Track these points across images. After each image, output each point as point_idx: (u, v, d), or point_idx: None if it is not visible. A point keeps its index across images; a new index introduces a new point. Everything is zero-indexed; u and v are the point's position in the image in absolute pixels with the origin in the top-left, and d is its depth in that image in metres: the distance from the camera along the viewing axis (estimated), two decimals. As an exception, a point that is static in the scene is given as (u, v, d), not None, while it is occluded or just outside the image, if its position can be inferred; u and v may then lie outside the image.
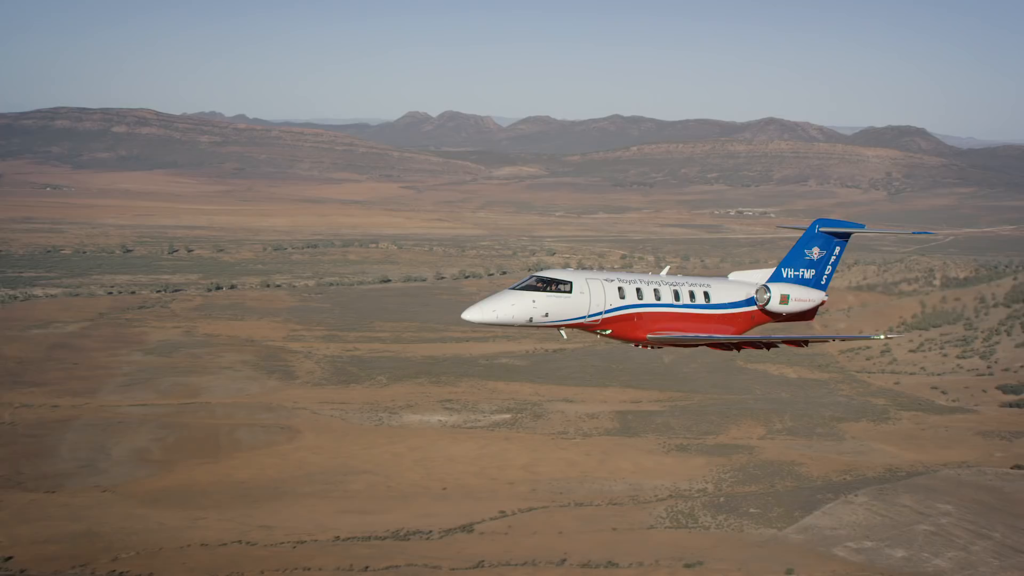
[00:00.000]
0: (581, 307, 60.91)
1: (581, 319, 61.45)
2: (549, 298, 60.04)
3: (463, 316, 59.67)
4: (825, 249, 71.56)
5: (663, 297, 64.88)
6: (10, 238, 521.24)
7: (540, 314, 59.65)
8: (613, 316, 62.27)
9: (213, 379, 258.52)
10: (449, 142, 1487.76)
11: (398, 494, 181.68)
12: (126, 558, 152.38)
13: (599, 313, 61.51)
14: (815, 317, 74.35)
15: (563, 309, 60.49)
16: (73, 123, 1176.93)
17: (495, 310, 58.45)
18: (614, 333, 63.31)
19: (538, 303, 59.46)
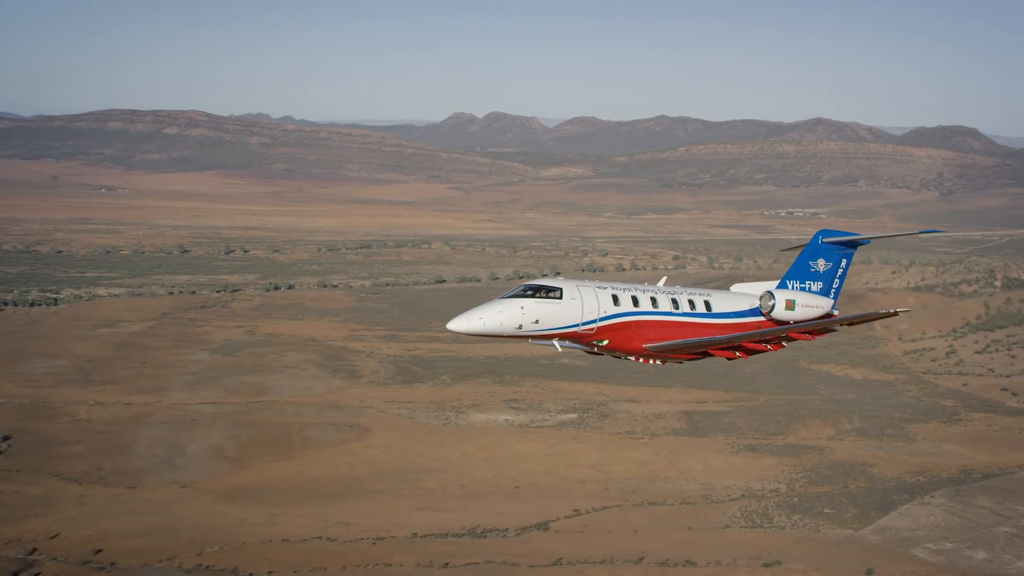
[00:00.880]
0: (573, 314, 58.24)
1: (574, 327, 58.61)
2: (538, 304, 57.36)
3: (448, 326, 55.89)
4: (831, 261, 67.76)
5: (661, 305, 62.35)
6: (70, 239, 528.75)
7: (530, 321, 56.71)
8: (608, 324, 59.72)
9: (279, 378, 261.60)
10: (495, 143, 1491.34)
11: (471, 492, 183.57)
12: (210, 552, 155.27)
13: (593, 321, 58.95)
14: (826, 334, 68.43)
15: (554, 316, 57.68)
16: (125, 125, 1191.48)
17: (482, 318, 55.63)
18: (611, 344, 60.82)
19: (527, 310, 56.81)
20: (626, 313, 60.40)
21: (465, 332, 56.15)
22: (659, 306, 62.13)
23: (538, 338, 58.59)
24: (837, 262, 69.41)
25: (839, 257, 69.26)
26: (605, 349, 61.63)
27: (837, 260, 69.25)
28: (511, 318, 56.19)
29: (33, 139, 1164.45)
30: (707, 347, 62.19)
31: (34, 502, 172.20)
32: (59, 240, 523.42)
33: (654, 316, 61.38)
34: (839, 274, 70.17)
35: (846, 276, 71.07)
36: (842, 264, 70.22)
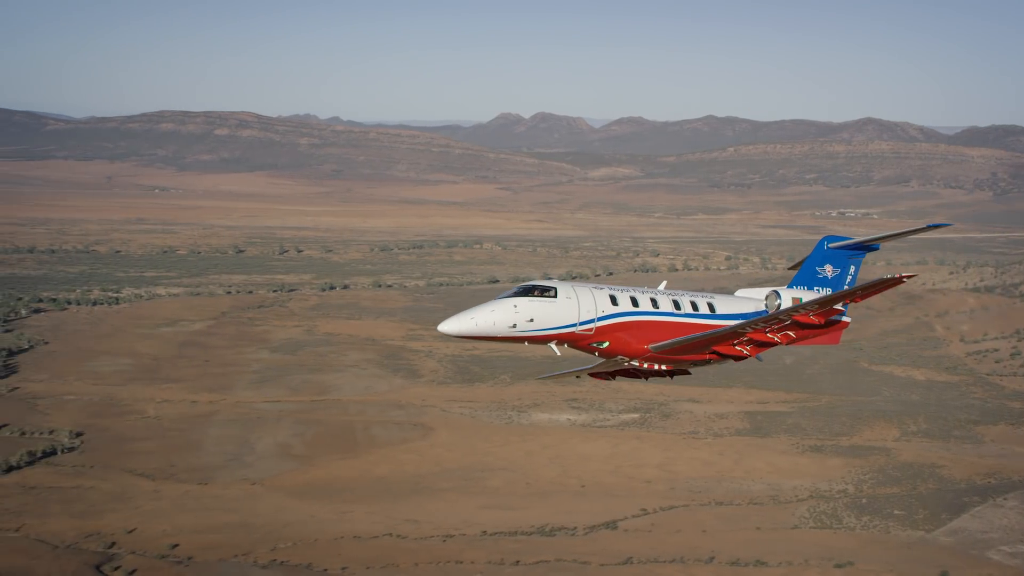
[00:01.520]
0: (570, 313, 55.79)
1: (571, 327, 56.04)
2: (532, 303, 55.01)
3: (440, 328, 54.09)
4: (839, 267, 65.21)
5: (662, 306, 59.39)
6: (127, 239, 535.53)
7: (524, 319, 54.36)
8: (608, 325, 56.77)
9: (340, 377, 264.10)
10: (542, 143, 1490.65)
11: (537, 491, 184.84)
12: (284, 548, 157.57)
13: (591, 321, 56.15)
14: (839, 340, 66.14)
15: (549, 315, 55.35)
16: (177, 126, 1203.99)
17: (474, 318, 53.62)
18: (612, 346, 57.57)
19: (521, 308, 54.56)
20: (625, 313, 57.85)
21: (457, 334, 53.98)
22: (660, 307, 59.42)
23: (535, 340, 56.21)
24: (845, 267, 66.13)
25: (847, 263, 66.09)
26: (606, 353, 58.43)
27: (845, 265, 66.01)
28: (504, 317, 54.26)
29: (87, 141, 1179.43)
30: (712, 341, 57.77)
31: (110, 497, 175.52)
32: (117, 240, 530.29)
33: (655, 316, 58.64)
34: (848, 280, 66.97)
35: (856, 281, 67.80)
36: (851, 270, 66.71)
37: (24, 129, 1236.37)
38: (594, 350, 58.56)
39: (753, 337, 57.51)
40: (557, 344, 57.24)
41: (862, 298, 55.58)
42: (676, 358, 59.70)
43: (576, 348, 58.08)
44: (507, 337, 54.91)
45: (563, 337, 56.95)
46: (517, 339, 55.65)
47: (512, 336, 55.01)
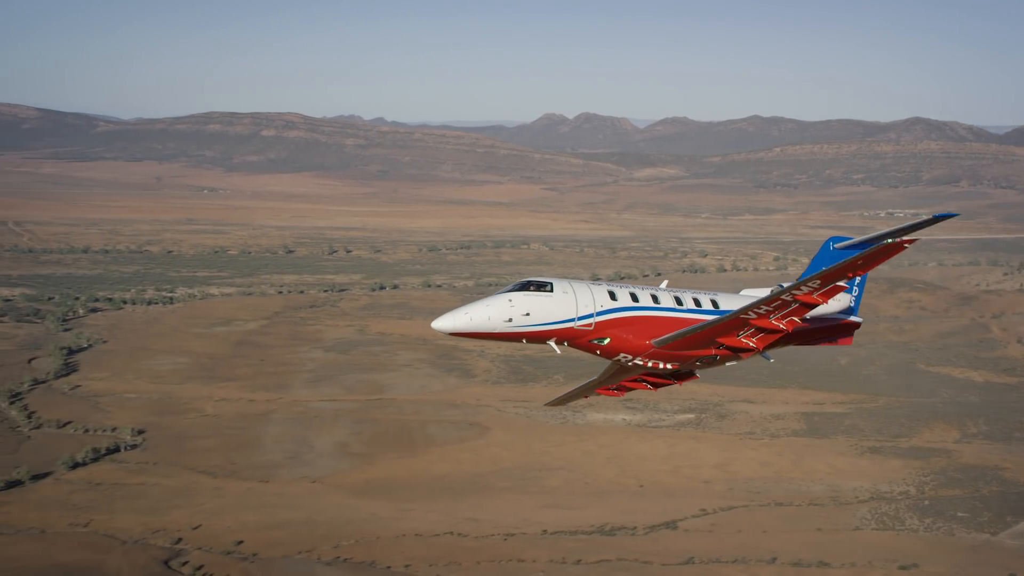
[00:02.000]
0: (567, 308, 53.81)
1: (570, 322, 53.74)
2: (528, 297, 53.18)
3: (433, 325, 52.20)
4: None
5: (663, 302, 57.35)
6: (179, 239, 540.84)
7: (520, 313, 52.48)
8: (607, 320, 54.74)
9: (394, 376, 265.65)
10: (586, 143, 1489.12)
11: (596, 490, 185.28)
12: (347, 546, 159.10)
13: (589, 316, 54.12)
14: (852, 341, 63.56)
15: (546, 310, 53.39)
16: (224, 127, 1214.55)
17: (468, 313, 51.90)
18: (613, 343, 55.24)
19: (516, 302, 52.68)
20: (625, 308, 55.77)
21: (451, 330, 51.88)
22: (661, 303, 57.23)
23: (533, 337, 53.61)
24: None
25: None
26: (608, 351, 55.72)
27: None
28: (499, 312, 52.29)
29: (135, 142, 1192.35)
30: (716, 332, 55.25)
31: (174, 494, 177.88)
32: (168, 240, 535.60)
33: (657, 312, 56.45)
34: (857, 281, 65.42)
35: (865, 283, 65.89)
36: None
37: (75, 131, 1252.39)
38: (595, 348, 55.61)
39: (758, 324, 54.54)
40: (557, 342, 54.31)
41: (864, 270, 52.29)
42: (680, 354, 56.82)
43: (576, 347, 55.18)
44: (504, 334, 52.86)
45: (562, 334, 54.19)
46: (514, 336, 53.31)
47: (509, 333, 52.90)
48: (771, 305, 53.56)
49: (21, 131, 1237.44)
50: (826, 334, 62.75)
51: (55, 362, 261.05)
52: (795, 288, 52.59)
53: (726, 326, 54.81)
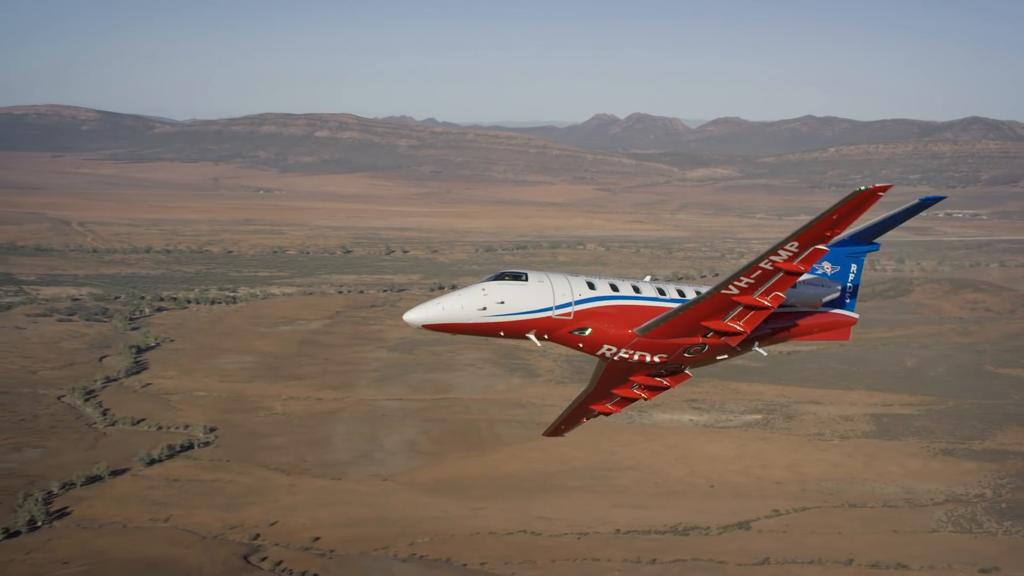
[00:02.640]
0: (543, 296, 51.97)
1: (547, 311, 51.90)
2: (502, 286, 51.56)
3: (405, 318, 50.59)
4: (837, 264, 59.38)
5: (645, 292, 55.30)
6: (238, 239, 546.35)
7: (494, 301, 50.90)
8: (587, 309, 52.83)
9: (459, 376, 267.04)
10: (637, 144, 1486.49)
11: (666, 490, 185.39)
12: (422, 543, 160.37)
13: (568, 305, 52.24)
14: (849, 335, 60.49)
15: (521, 298, 51.70)
16: (279, 128, 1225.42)
17: (440, 304, 50.57)
18: (594, 334, 53.24)
19: (490, 291, 51.13)
20: (606, 297, 53.71)
21: (423, 323, 50.08)
22: (643, 292, 55.11)
23: (510, 329, 51.60)
24: (845, 266, 62.28)
25: (847, 261, 61.98)
26: (590, 343, 53.40)
27: (845, 264, 62.46)
28: (473, 300, 50.82)
29: (191, 143, 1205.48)
30: (699, 314, 52.69)
31: (249, 490, 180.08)
32: (228, 240, 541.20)
33: (638, 301, 54.32)
34: (851, 278, 63.68)
35: (860, 278, 63.94)
36: (852, 268, 63.10)
37: (133, 132, 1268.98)
38: (576, 341, 53.31)
39: (742, 301, 51.63)
40: (537, 335, 52.13)
41: (842, 225, 48.73)
42: (666, 343, 54.17)
43: (558, 340, 53.12)
44: (479, 325, 51.05)
45: (540, 324, 52.03)
46: (491, 328, 51.36)
47: (484, 324, 51.08)
48: (752, 276, 50.83)
49: (80, 133, 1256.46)
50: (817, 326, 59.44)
51: (125, 360, 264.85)
52: (773, 253, 49.87)
53: (709, 305, 52.29)
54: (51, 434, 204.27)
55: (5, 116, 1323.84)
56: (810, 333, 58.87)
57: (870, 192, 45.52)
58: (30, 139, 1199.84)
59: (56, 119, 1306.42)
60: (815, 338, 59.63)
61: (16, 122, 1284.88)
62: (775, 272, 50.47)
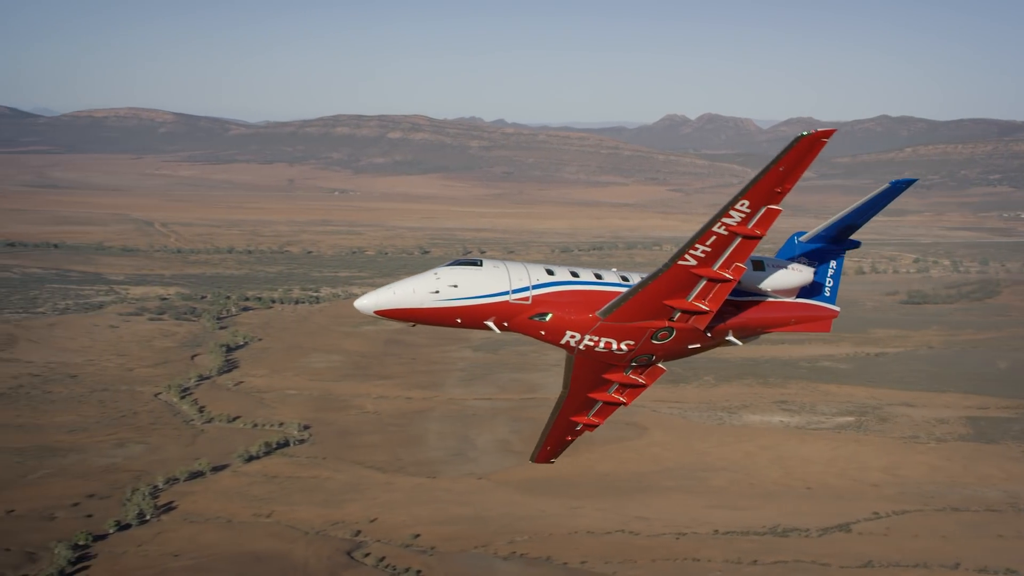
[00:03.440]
0: (499, 281, 50.28)
1: (503, 296, 50.05)
2: (455, 270, 49.76)
3: (356, 305, 49.34)
4: (816, 260, 61.40)
5: (607, 278, 53.46)
6: (317, 239, 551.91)
7: (447, 285, 48.93)
8: (545, 294, 50.97)
9: (545, 376, 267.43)
10: (708, 144, 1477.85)
11: (762, 491, 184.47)
12: (521, 541, 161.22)
13: (525, 289, 50.47)
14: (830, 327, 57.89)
15: (476, 283, 49.87)
16: (352, 130, 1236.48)
17: (392, 288, 48.83)
18: (555, 320, 51.23)
19: (443, 275, 49.21)
20: (565, 283, 52.11)
21: (375, 308, 48.52)
22: (605, 279, 53.22)
23: (467, 315, 49.61)
24: (825, 263, 60.94)
25: (826, 257, 60.86)
26: (551, 329, 51.46)
27: (824, 260, 60.88)
28: (425, 284, 48.84)
29: (266, 144, 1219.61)
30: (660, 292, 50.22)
31: (347, 487, 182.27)
32: (307, 241, 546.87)
33: (599, 287, 52.31)
34: (830, 273, 61.00)
35: (840, 275, 61.30)
36: (831, 264, 61.11)
37: (209, 134, 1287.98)
38: (538, 328, 51.19)
39: (702, 273, 49.15)
40: (496, 323, 50.20)
41: (791, 178, 46.00)
42: (630, 326, 51.87)
43: (518, 328, 51.04)
44: (433, 311, 48.93)
45: (498, 310, 50.18)
46: (446, 314, 49.26)
47: (438, 309, 48.95)
48: (707, 243, 48.40)
49: (158, 135, 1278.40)
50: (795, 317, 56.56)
51: (216, 359, 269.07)
52: (724, 215, 47.29)
53: (669, 280, 49.85)
54: (151, 430, 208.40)
55: (86, 119, 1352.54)
56: (787, 323, 56.53)
57: (813, 138, 43.70)
58: (110, 141, 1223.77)
59: (135, 122, 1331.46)
60: (794, 329, 57.22)
61: (97, 125, 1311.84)
62: (731, 238, 48.33)
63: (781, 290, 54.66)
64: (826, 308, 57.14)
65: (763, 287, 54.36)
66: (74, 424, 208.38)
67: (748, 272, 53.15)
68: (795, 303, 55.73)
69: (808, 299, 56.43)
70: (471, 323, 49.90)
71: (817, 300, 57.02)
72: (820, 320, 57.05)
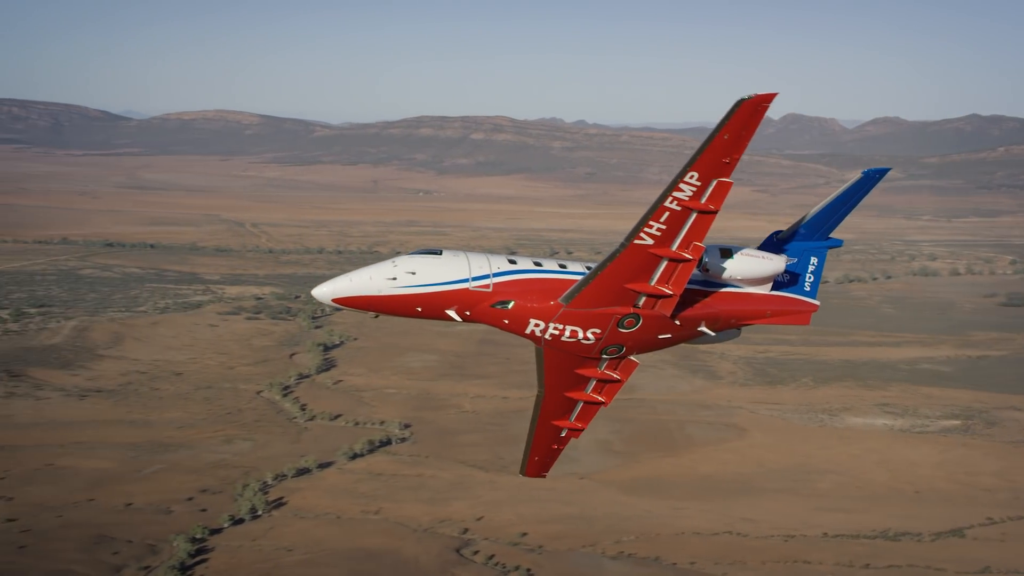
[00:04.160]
0: (459, 268, 49.92)
1: (463, 283, 49.78)
2: (414, 259, 49.73)
3: (313, 293, 49.21)
4: (795, 256, 57.01)
5: (571, 268, 52.18)
6: (404, 240, 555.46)
7: (404, 272, 48.77)
8: (505, 281, 50.50)
9: (641, 376, 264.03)
10: (792, 145, 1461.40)
11: (870, 495, 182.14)
12: (628, 542, 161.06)
13: (485, 277, 50.10)
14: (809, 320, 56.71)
15: (434, 271, 49.55)
16: (435, 131, 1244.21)
17: (349, 276, 49.05)
18: (517, 308, 50.53)
19: (400, 263, 49.29)
20: (526, 271, 51.23)
21: (332, 297, 48.50)
22: (569, 268, 51.95)
23: (427, 303, 49.22)
24: (804, 258, 59.03)
25: (805, 254, 58.99)
26: (514, 317, 50.73)
27: (804, 256, 58.98)
28: (382, 271, 48.90)
29: (349, 146, 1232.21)
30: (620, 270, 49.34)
31: (451, 486, 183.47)
32: (395, 241, 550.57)
33: (563, 275, 51.24)
34: (811, 269, 58.88)
35: (821, 271, 59.33)
36: (812, 261, 58.99)
37: (293, 136, 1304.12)
38: (500, 316, 50.61)
39: (660, 253, 48.23)
40: (458, 312, 49.79)
41: (738, 146, 45.65)
42: (595, 312, 51.01)
43: (480, 318, 50.49)
44: (392, 299, 48.82)
45: (458, 298, 49.80)
46: (405, 303, 49.07)
47: (397, 297, 48.77)
48: (661, 220, 47.48)
49: (244, 137, 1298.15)
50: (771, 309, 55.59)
51: (315, 358, 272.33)
52: (675, 189, 46.48)
53: (628, 260, 48.94)
54: (256, 427, 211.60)
55: (176, 121, 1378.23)
56: (763, 316, 55.42)
57: (755, 102, 43.44)
58: (199, 143, 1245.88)
59: (222, 124, 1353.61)
60: (772, 321, 56.06)
61: (185, 127, 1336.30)
62: (686, 213, 47.49)
63: (752, 279, 53.91)
64: (804, 301, 56.37)
65: (733, 276, 53.51)
66: (182, 420, 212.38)
67: (716, 261, 52.76)
68: (770, 295, 55.04)
69: (786, 292, 55.74)
70: (432, 312, 49.61)
71: (796, 293, 56.21)
72: (798, 313, 56.22)
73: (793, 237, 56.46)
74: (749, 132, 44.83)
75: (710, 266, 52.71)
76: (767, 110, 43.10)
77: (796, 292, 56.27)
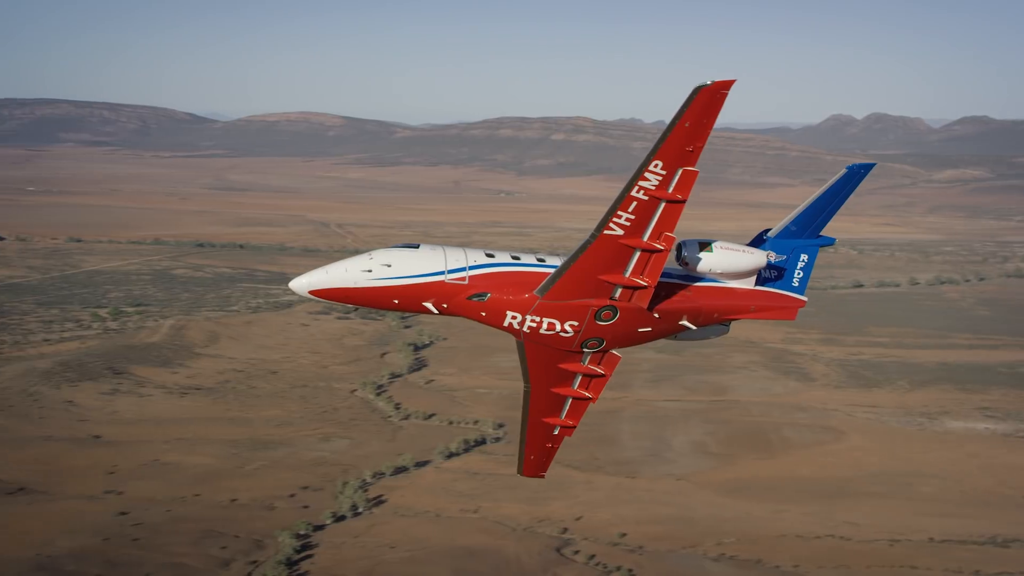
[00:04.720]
0: (435, 261, 50.36)
1: (439, 275, 50.11)
2: (391, 252, 50.29)
3: (290, 285, 49.42)
4: (783, 253, 56.37)
5: (549, 262, 52.50)
6: (488, 240, 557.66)
7: (379, 264, 49.27)
8: (482, 274, 50.97)
9: (733, 378, 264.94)
10: (876, 145, 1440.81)
11: (975, 500, 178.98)
12: (728, 543, 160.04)
13: (461, 269, 50.47)
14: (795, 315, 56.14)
15: (410, 263, 50.04)
16: (516, 132, 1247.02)
17: (326, 269, 49.10)
18: (494, 300, 50.91)
19: (376, 256, 49.74)
20: (503, 264, 51.66)
21: (308, 289, 48.68)
22: (547, 262, 52.25)
23: (403, 296, 49.43)
24: (794, 255, 57.10)
25: (795, 251, 57.00)
26: (492, 309, 51.15)
27: (793, 252, 57.01)
28: (358, 264, 49.18)
29: (431, 147, 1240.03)
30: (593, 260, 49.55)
31: (549, 486, 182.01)
32: (479, 242, 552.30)
33: (540, 268, 51.54)
34: (800, 266, 57.07)
35: (811, 268, 57.32)
36: (802, 258, 57.07)
37: (375, 137, 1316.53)
38: (477, 309, 50.99)
39: (629, 243, 48.33)
40: (435, 304, 50.05)
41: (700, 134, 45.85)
42: (572, 303, 51.12)
43: (457, 310, 50.75)
44: (368, 291, 49.09)
45: (434, 291, 50.11)
46: (382, 295, 49.37)
47: (373, 289, 49.04)
48: (629, 209, 47.76)
49: (327, 138, 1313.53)
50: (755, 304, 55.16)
51: (406, 358, 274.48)
52: (640, 178, 46.99)
53: (600, 251, 48.88)
54: (353, 426, 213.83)
55: (260, 123, 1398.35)
56: (746, 311, 54.95)
57: (713, 89, 43.34)
58: (283, 145, 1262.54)
59: (305, 125, 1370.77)
60: (757, 317, 55.54)
61: (270, 129, 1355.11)
62: (654, 203, 47.88)
63: (731, 273, 53.47)
64: (791, 297, 55.87)
65: (712, 269, 53.16)
66: (280, 418, 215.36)
67: (694, 254, 52.62)
68: (754, 290, 54.70)
69: (771, 287, 55.39)
70: (409, 305, 49.96)
71: (782, 289, 55.79)
72: (784, 309, 55.82)
73: (780, 235, 56.64)
74: (710, 120, 45.22)
75: (689, 259, 52.83)
76: (726, 97, 43.32)
77: (782, 287, 56.10)
